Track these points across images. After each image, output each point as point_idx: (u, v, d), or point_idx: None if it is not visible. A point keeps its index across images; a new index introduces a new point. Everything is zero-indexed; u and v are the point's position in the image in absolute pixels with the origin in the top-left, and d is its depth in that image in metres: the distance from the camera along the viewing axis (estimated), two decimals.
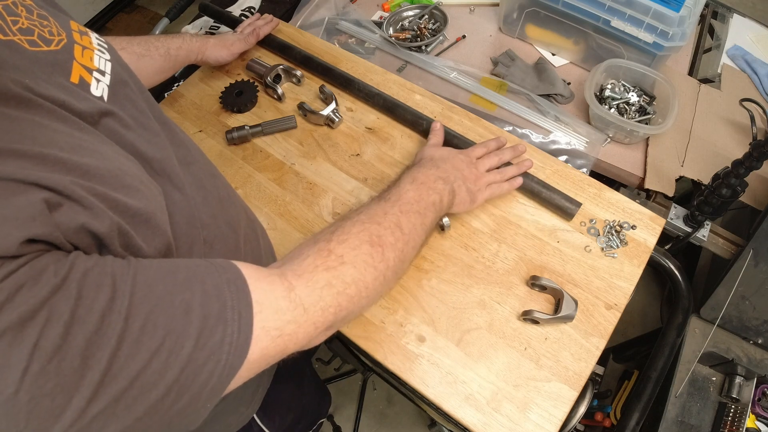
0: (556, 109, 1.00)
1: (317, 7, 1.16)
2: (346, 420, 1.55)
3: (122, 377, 0.29)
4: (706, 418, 0.80)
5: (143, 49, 0.78)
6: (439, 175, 0.64)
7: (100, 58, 0.44)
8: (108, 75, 0.44)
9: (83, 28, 0.46)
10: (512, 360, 0.65)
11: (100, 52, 0.45)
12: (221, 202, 0.55)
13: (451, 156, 0.70)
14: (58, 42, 0.40)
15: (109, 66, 0.45)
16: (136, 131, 0.42)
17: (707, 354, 0.83)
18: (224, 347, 0.35)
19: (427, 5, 1.19)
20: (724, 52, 1.16)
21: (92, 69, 0.42)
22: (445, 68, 1.07)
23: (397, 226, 0.54)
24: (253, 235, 0.62)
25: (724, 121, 1.02)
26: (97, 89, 0.41)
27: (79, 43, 0.43)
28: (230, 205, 0.57)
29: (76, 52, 0.41)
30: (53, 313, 0.27)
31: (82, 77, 0.40)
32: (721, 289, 0.81)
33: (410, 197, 0.58)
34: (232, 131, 0.85)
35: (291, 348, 0.41)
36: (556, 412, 0.61)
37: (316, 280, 0.44)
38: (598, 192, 0.78)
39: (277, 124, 0.86)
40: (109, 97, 0.42)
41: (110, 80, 0.43)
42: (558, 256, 0.72)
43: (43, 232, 0.28)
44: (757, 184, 0.91)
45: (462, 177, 0.68)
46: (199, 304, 0.34)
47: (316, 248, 0.48)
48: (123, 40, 0.76)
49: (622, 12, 0.92)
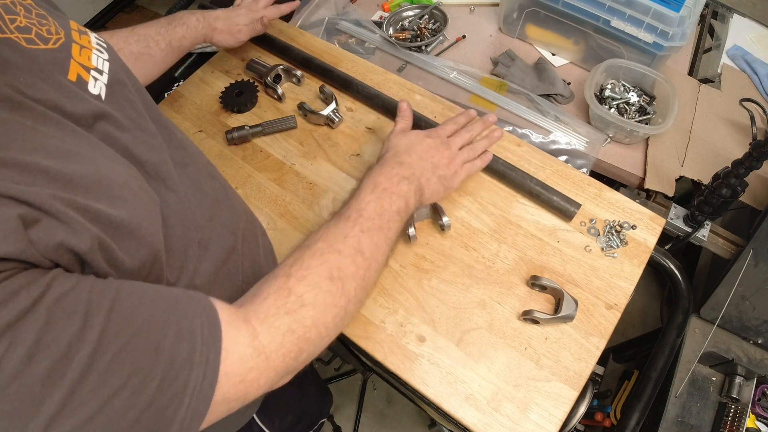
0: (556, 109, 1.00)
1: (317, 7, 1.16)
2: (346, 420, 1.55)
3: (82, 411, 0.29)
4: (706, 418, 0.80)
5: (142, 47, 0.76)
6: (403, 175, 0.60)
7: (98, 58, 0.44)
8: (106, 74, 0.44)
9: (83, 27, 0.46)
10: (512, 360, 0.65)
11: (98, 51, 0.45)
12: (219, 203, 0.55)
13: (417, 143, 0.65)
14: (56, 41, 0.40)
15: (107, 65, 0.45)
16: (132, 132, 0.42)
17: (707, 354, 0.83)
18: (188, 391, 0.34)
19: (427, 5, 1.19)
20: (724, 52, 1.16)
21: (90, 68, 0.42)
22: (445, 68, 1.07)
23: (359, 252, 0.51)
24: (252, 236, 0.62)
25: (724, 121, 1.02)
26: (95, 87, 0.41)
27: (77, 42, 0.43)
28: (228, 206, 0.57)
29: (74, 51, 0.42)
30: (18, 337, 0.27)
31: (80, 75, 0.40)
32: (721, 289, 0.81)
33: (371, 211, 0.55)
34: (232, 131, 0.85)
35: (252, 394, 0.41)
36: (556, 412, 0.61)
37: (278, 326, 0.43)
38: (598, 192, 0.78)
39: (277, 124, 0.86)
40: (107, 96, 0.42)
41: (108, 79, 0.44)
42: (558, 256, 0.72)
43: (16, 250, 0.27)
44: (757, 184, 0.91)
45: (432, 166, 0.64)
46: (169, 345, 0.34)
47: (275, 286, 0.46)
48: (120, 38, 0.74)
49: (622, 12, 0.92)
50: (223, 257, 0.52)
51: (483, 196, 0.78)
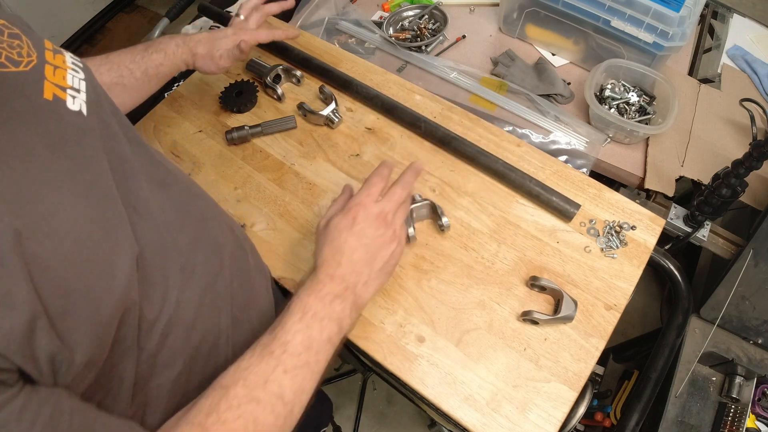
0: (556, 109, 1.00)
1: (317, 7, 1.16)
2: (346, 420, 1.55)
3: None
4: (706, 418, 0.80)
5: (114, 77, 0.71)
6: (336, 293, 0.52)
7: (74, 77, 0.44)
8: (83, 92, 0.44)
9: (57, 47, 0.46)
10: (512, 360, 0.65)
11: (73, 71, 0.44)
12: (204, 222, 0.53)
13: (344, 242, 0.54)
14: (28, 63, 0.40)
15: (84, 85, 0.44)
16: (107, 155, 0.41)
17: (707, 354, 0.83)
18: None
19: (427, 5, 1.19)
20: (724, 52, 1.16)
21: (66, 87, 0.42)
22: (445, 68, 1.07)
23: (279, 398, 0.46)
24: (241, 253, 0.60)
25: (724, 121, 1.02)
26: (74, 104, 0.41)
27: (51, 62, 0.42)
28: (214, 225, 0.56)
29: (47, 72, 0.41)
30: None
31: (56, 95, 0.40)
32: (721, 289, 0.81)
33: (297, 344, 0.48)
34: (231, 131, 0.85)
35: None
36: (556, 413, 0.61)
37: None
38: (598, 192, 0.78)
39: (277, 124, 0.86)
40: (89, 110, 0.42)
41: (87, 96, 0.43)
42: (558, 257, 0.72)
43: None
44: (757, 184, 0.90)
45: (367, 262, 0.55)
46: None
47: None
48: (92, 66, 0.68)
49: (622, 12, 0.92)
50: (209, 280, 0.51)
51: (482, 197, 0.78)
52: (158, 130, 0.89)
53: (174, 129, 0.89)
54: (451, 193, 0.79)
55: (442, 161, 0.82)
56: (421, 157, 0.83)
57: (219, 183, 0.82)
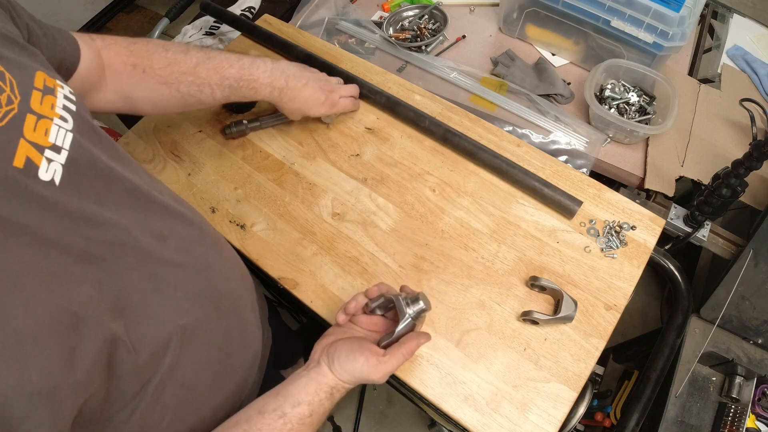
0: (556, 109, 1.00)
1: (317, 7, 1.16)
2: (346, 420, 1.55)
3: None
4: (706, 418, 0.80)
5: (193, 90, 0.67)
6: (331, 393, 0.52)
7: (59, 129, 0.38)
8: (65, 151, 0.38)
9: (51, 80, 0.40)
10: (511, 361, 0.65)
11: (61, 120, 0.39)
12: (206, 271, 0.51)
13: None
14: (5, 114, 0.35)
15: (70, 138, 0.39)
16: (79, 231, 0.38)
17: (707, 354, 0.83)
18: None
19: (427, 5, 1.19)
20: (724, 52, 1.16)
21: (45, 146, 0.37)
22: (445, 68, 1.06)
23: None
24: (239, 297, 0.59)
25: (724, 121, 1.02)
26: (47, 173, 0.36)
27: (35, 111, 0.37)
28: (215, 272, 0.53)
29: (26, 126, 0.36)
30: None
31: (30, 159, 0.35)
32: (721, 289, 0.81)
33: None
34: (230, 126, 0.85)
35: None
36: (556, 413, 0.61)
37: None
38: (598, 192, 0.78)
39: (275, 118, 0.87)
40: (63, 178, 0.37)
41: (67, 157, 0.38)
42: (557, 257, 0.72)
43: None
44: (757, 184, 0.90)
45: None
46: None
47: None
48: (174, 74, 0.65)
49: (622, 12, 0.92)
50: (210, 342, 0.50)
51: (482, 197, 0.78)
52: (158, 130, 0.89)
53: (174, 129, 0.89)
54: (451, 193, 0.79)
55: (442, 161, 0.82)
56: (421, 157, 0.83)
57: (219, 183, 0.82)
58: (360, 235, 0.75)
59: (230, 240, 0.76)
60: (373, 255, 0.74)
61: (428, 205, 0.78)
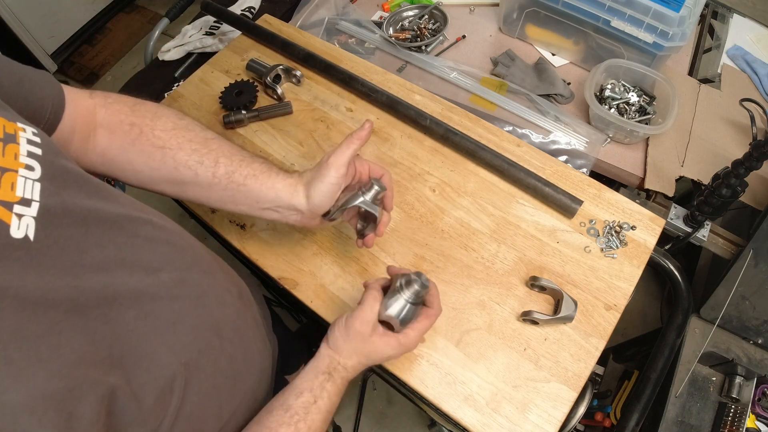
0: (556, 109, 1.00)
1: (317, 7, 1.16)
2: (346, 420, 1.55)
3: None
4: (706, 418, 0.80)
5: (195, 161, 0.57)
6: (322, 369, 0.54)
7: (25, 181, 0.35)
8: (35, 203, 0.35)
9: (12, 126, 0.37)
10: (511, 361, 0.65)
11: (27, 169, 0.36)
12: (201, 300, 0.49)
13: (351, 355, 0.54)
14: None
15: (38, 188, 0.36)
16: (63, 284, 0.35)
17: (707, 354, 0.83)
18: None
19: (427, 5, 1.19)
20: (724, 52, 1.16)
21: (12, 202, 0.34)
22: (445, 68, 1.06)
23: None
24: (239, 318, 0.56)
25: (724, 121, 1.02)
26: (19, 230, 0.33)
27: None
28: (211, 299, 0.50)
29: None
30: None
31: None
32: (721, 289, 0.81)
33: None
34: (229, 115, 0.87)
35: None
36: (556, 413, 0.61)
37: None
38: (598, 192, 0.78)
39: (274, 109, 0.88)
40: (38, 232, 0.35)
41: (39, 209, 0.35)
42: (557, 257, 0.72)
43: None
44: (757, 184, 0.90)
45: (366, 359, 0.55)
46: None
47: None
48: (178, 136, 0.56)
49: (622, 12, 0.92)
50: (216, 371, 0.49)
51: (482, 197, 0.78)
52: None
53: None
54: (451, 192, 0.79)
55: (442, 161, 0.82)
56: (421, 157, 0.83)
57: None
58: None
59: (230, 240, 0.76)
60: (373, 255, 0.74)
61: (428, 205, 0.78)
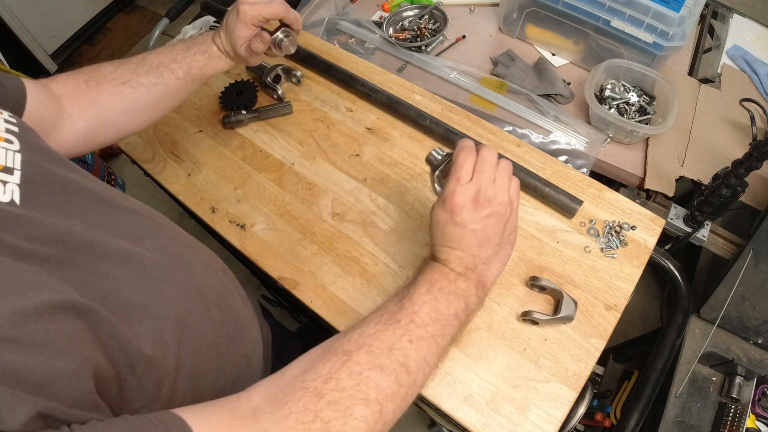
0: (556, 109, 1.00)
1: (317, 7, 1.16)
2: None
3: None
4: (706, 418, 0.80)
5: (153, 78, 0.66)
6: (458, 272, 0.52)
7: (6, 152, 0.39)
8: (17, 171, 0.39)
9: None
10: (511, 361, 0.65)
11: (6, 142, 0.40)
12: (187, 265, 0.51)
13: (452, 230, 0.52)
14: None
15: (18, 158, 0.39)
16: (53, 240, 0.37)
17: (707, 354, 0.83)
18: None
19: (427, 5, 1.19)
20: (724, 52, 1.16)
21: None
22: (445, 68, 1.07)
23: (404, 367, 0.44)
24: (225, 290, 0.58)
25: (724, 121, 1.02)
26: (5, 194, 0.37)
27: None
28: (196, 266, 0.53)
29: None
30: None
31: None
32: (721, 289, 0.81)
33: (425, 316, 0.48)
34: (229, 115, 0.86)
35: None
36: (556, 413, 0.61)
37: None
38: (598, 192, 0.78)
39: (274, 109, 0.88)
40: (23, 197, 0.37)
41: (21, 177, 0.39)
42: (557, 257, 0.72)
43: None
44: (757, 184, 0.90)
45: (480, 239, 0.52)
46: None
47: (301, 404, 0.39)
48: (127, 70, 0.64)
49: (622, 12, 0.92)
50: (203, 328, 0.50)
51: None
52: (158, 130, 0.89)
53: (174, 129, 0.89)
54: None
55: None
56: (421, 157, 0.83)
57: (219, 183, 0.82)
58: (360, 235, 0.75)
59: (230, 240, 0.76)
60: (373, 255, 0.74)
61: (428, 205, 0.78)
